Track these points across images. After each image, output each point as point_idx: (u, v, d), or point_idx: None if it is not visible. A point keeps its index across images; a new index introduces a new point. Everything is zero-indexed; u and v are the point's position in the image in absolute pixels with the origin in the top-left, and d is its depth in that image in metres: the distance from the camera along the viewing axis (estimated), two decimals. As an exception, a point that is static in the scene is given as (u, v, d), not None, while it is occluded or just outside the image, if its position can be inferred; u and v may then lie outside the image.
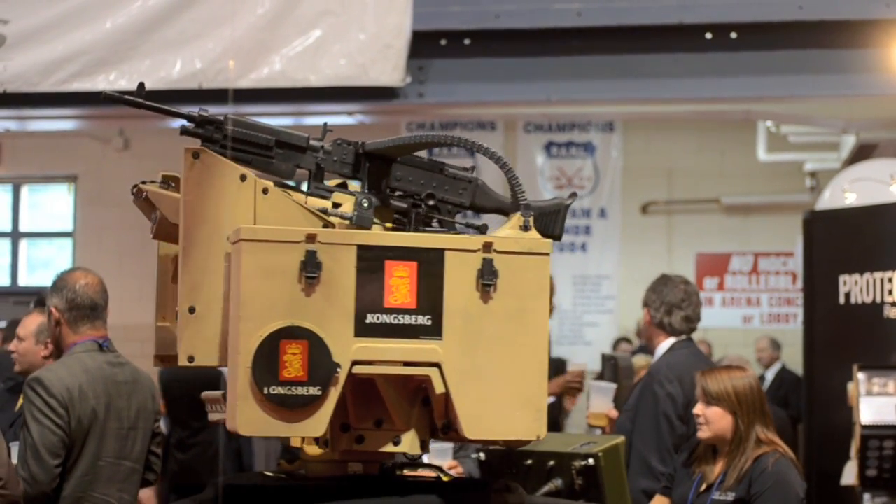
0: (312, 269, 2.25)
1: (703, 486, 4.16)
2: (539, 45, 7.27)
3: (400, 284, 2.31)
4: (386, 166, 2.50)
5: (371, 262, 2.29)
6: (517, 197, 2.45)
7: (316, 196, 2.44)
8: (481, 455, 4.13)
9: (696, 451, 4.28)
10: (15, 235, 12.21)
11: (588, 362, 7.10)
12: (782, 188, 11.03)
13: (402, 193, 2.50)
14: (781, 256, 11.21)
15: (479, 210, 2.58)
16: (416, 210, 2.46)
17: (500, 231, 2.42)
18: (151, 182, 2.49)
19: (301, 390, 2.23)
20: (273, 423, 2.23)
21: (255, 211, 2.34)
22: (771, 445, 4.09)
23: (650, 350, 5.36)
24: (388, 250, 2.31)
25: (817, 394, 6.75)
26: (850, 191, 7.50)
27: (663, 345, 5.06)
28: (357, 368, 2.27)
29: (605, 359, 5.78)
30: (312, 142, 2.49)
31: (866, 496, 5.92)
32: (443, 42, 7.31)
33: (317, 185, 2.47)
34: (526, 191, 2.52)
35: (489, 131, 10.83)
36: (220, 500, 2.44)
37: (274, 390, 2.22)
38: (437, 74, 7.33)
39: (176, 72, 7.11)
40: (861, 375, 6.02)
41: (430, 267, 2.32)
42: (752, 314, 11.32)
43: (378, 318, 2.29)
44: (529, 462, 3.91)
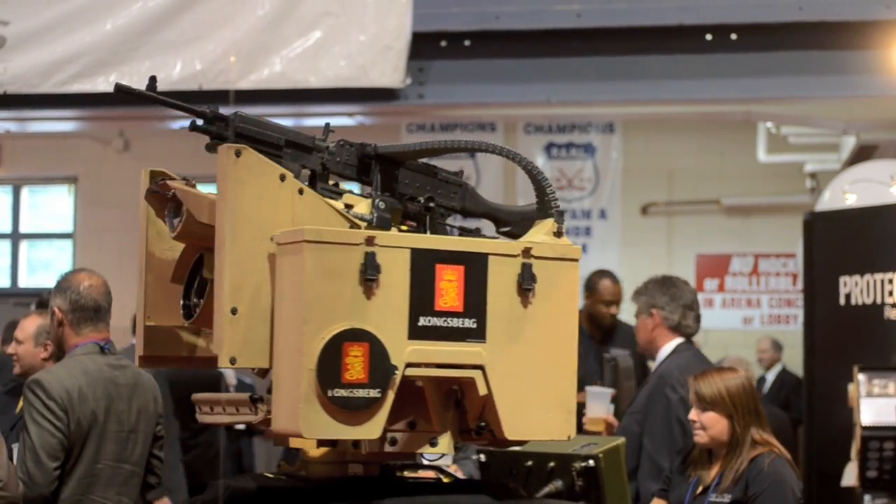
0: (373, 271, 2.27)
1: (700, 488, 4.17)
2: (539, 46, 7.27)
3: (449, 288, 2.35)
4: (394, 169, 2.52)
5: (423, 266, 2.33)
6: (548, 203, 2.49)
7: (325, 197, 2.45)
8: (481, 457, 4.13)
9: (691, 455, 4.28)
10: (15, 237, 12.22)
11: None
12: (782, 189, 11.03)
13: (403, 196, 2.51)
14: (782, 258, 11.21)
15: (469, 214, 2.61)
16: (430, 214, 2.49)
17: (533, 237, 2.47)
18: (161, 181, 2.47)
19: (362, 392, 2.25)
20: (335, 425, 2.25)
21: (293, 211, 2.35)
22: (767, 446, 4.10)
23: (648, 354, 5.29)
24: (438, 254, 2.35)
25: (817, 395, 6.74)
26: (851, 192, 7.50)
27: (667, 347, 5.02)
28: (408, 371, 2.30)
29: (605, 360, 5.77)
30: (317, 142, 2.50)
31: (867, 497, 5.91)
32: (443, 43, 7.31)
33: (323, 185, 2.48)
34: (525, 194, 2.54)
35: (489, 132, 10.83)
36: (221, 501, 2.44)
37: (337, 392, 2.23)
38: (437, 76, 7.33)
39: (176, 73, 7.11)
40: (861, 377, 6.00)
41: (476, 271, 2.37)
42: (753, 315, 11.32)
43: (429, 321, 2.33)
44: (530, 463, 3.91)
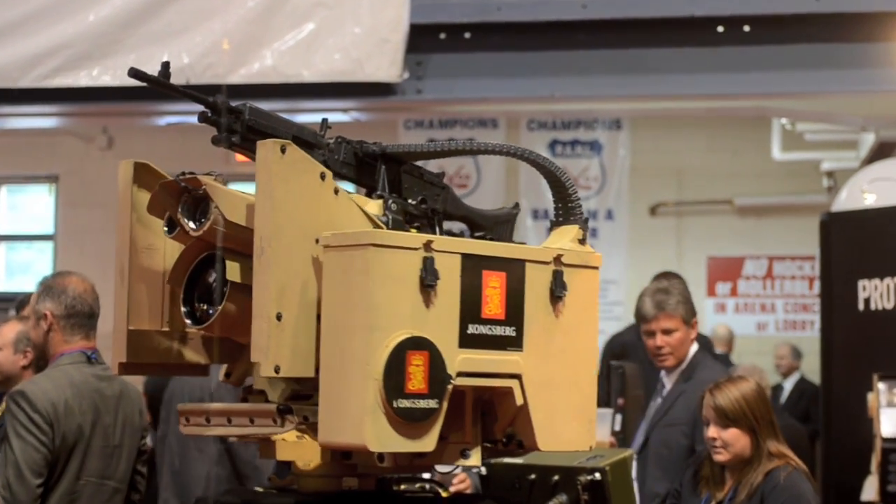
0: (432, 277, 2.29)
1: (713, 503, 4.16)
2: (543, 38, 7.27)
3: (493, 295, 2.38)
4: (397, 170, 2.53)
5: (472, 272, 2.36)
6: (573, 209, 2.54)
7: None
8: (482, 469, 4.13)
9: (701, 469, 4.26)
10: (-7, 238, 12.23)
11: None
12: (798, 188, 11.03)
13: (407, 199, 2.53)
14: (797, 260, 11.21)
15: (449, 217, 2.64)
16: (437, 217, 2.50)
17: (559, 243, 2.51)
18: (189, 174, 2.45)
19: (423, 403, 2.27)
20: (396, 437, 2.26)
21: (329, 212, 2.36)
22: (782, 458, 4.08)
23: (667, 364, 5.19)
24: (484, 260, 2.38)
25: (835, 405, 6.74)
26: (870, 191, 7.49)
27: (690, 353, 5.02)
28: (457, 380, 2.33)
29: (613, 368, 5.77)
30: (319, 139, 2.50)
31: (887, 512, 5.91)
32: (442, 36, 7.31)
33: None
34: (529, 194, 2.57)
35: (490, 129, 10.83)
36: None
37: (401, 403, 2.25)
38: (435, 69, 7.33)
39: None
40: (882, 385, 6.02)
41: (516, 278, 2.41)
42: (767, 321, 11.32)
43: (477, 329, 2.36)
44: (533, 477, 3.90)
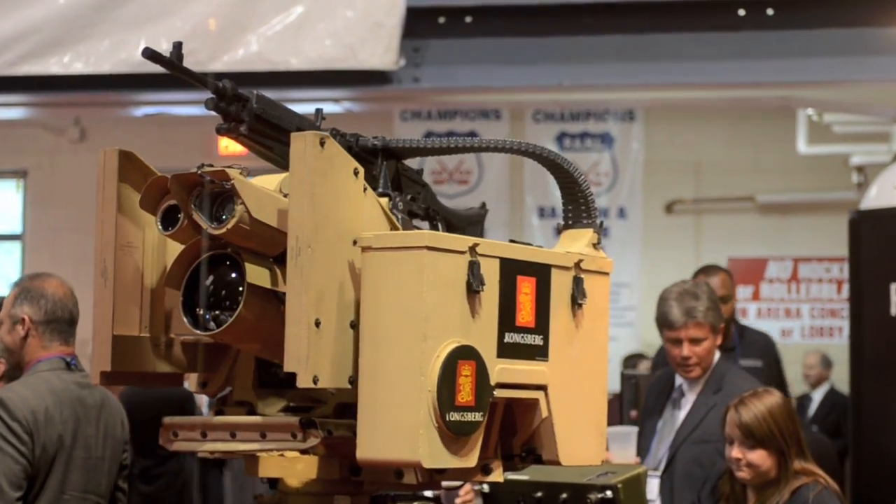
0: (478, 282, 2.32)
1: (734, 523, 4.16)
2: (550, 23, 7.27)
3: (525, 302, 2.42)
4: (395, 166, 2.55)
5: (508, 277, 2.40)
6: (590, 211, 2.60)
7: None
8: (485, 487, 4.13)
9: (720, 486, 4.26)
10: (-44, 239, 12.23)
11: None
12: (825, 184, 11.04)
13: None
14: (824, 262, 11.22)
15: (432, 218, 2.66)
16: (437, 217, 2.53)
17: (576, 248, 2.56)
18: (208, 166, 2.43)
19: (470, 416, 2.30)
20: (447, 453, 2.29)
21: (360, 212, 2.39)
22: (810, 476, 4.06)
23: (692, 376, 5.16)
24: (519, 265, 2.42)
25: (866, 417, 6.74)
26: (903, 187, 7.50)
27: (714, 359, 5.01)
28: (496, 392, 2.37)
29: (626, 378, 5.78)
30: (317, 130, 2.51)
31: (922, 533, 5.92)
32: (441, 20, 7.31)
33: None
34: (535, 191, 2.60)
35: (493, 121, 10.84)
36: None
37: (452, 417, 2.28)
38: (434, 56, 7.33)
39: (138, 54, 7.10)
40: (915, 397, 6.02)
41: (543, 284, 2.45)
42: (792, 327, 11.33)
43: (511, 338, 2.40)
44: (540, 495, 3.91)
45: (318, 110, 2.57)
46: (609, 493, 3.86)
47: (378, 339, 2.30)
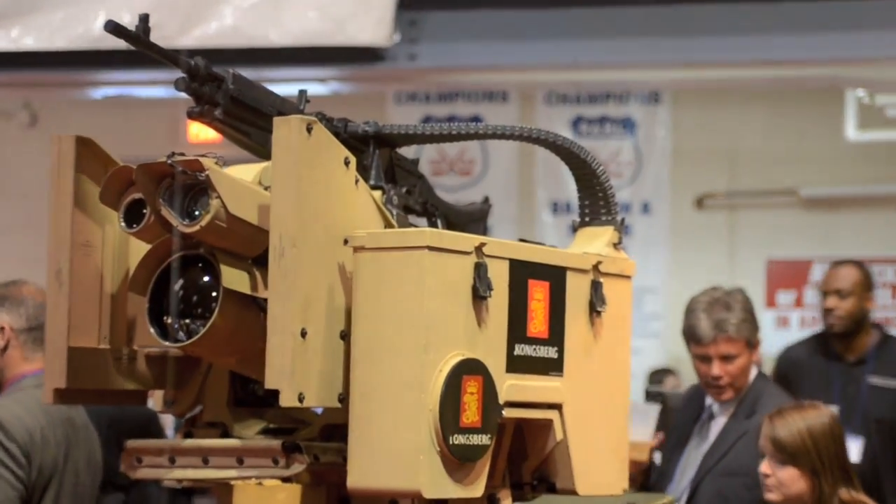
0: (485, 286, 2.33)
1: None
2: (564, -8, 7.28)
3: (538, 309, 2.43)
4: (389, 155, 2.55)
5: (519, 281, 2.41)
6: (610, 207, 2.58)
7: None
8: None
9: None
10: None
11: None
12: (877, 176, 11.04)
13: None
14: (878, 263, 11.21)
15: (429, 213, 2.66)
16: (436, 212, 2.53)
17: (594, 247, 2.58)
18: (178, 154, 2.44)
19: (476, 439, 2.31)
20: (449, 481, 2.29)
21: (351, 206, 2.39)
22: (862, 508, 4.06)
23: (720, 398, 5.14)
24: (531, 267, 2.42)
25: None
26: (966, 179, 7.51)
27: (750, 375, 4.99)
28: (504, 411, 2.38)
29: (651, 396, 5.79)
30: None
31: None
32: (441, -11, 7.32)
33: None
34: (547, 184, 2.61)
35: (500, 104, 10.84)
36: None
37: (457, 439, 2.28)
38: (433, 31, 7.34)
39: (97, 28, 7.11)
40: None
41: (558, 289, 2.46)
42: (840, 339, 11.32)
43: (523, 350, 2.41)
44: (553, 529, 3.91)
45: (302, 92, 2.58)
46: (632, 529, 3.86)
47: (372, 352, 2.31)
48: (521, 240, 2.51)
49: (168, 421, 6.99)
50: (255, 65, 7.38)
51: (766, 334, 10.97)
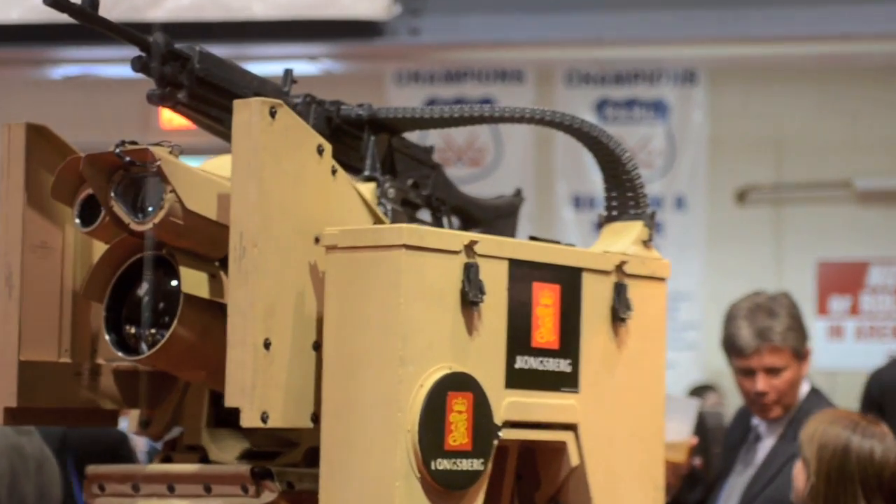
0: (476, 291, 2.31)
1: None
2: (587, -42, 7.30)
3: (545, 315, 2.43)
4: (387, 142, 2.55)
5: (521, 284, 2.41)
6: (639, 199, 2.61)
7: None
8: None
9: None
10: None
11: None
12: (943, 166, 11.06)
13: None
14: (943, 266, 11.23)
15: (438, 208, 2.67)
16: (442, 207, 2.53)
17: (615, 246, 2.58)
18: (130, 143, 2.44)
19: (465, 464, 2.30)
20: None
21: (327, 200, 2.38)
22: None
23: (767, 415, 5.11)
24: (535, 268, 2.42)
25: None
26: None
27: (801, 394, 4.98)
28: (503, 432, 2.37)
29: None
30: (283, 97, 2.52)
31: None
32: (446, -46, 7.34)
33: None
34: (566, 174, 2.62)
35: (514, 84, 10.85)
36: None
37: (440, 465, 2.28)
38: (438, 2, 7.35)
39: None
40: None
41: (571, 292, 2.45)
42: (902, 351, 11.34)
43: (526, 363, 2.41)
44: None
45: (288, 72, 2.58)
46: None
47: (345, 365, 2.31)
48: (532, 237, 2.50)
49: (140, 443, 7.00)
50: (238, 40, 7.41)
51: (817, 346, 10.99)
